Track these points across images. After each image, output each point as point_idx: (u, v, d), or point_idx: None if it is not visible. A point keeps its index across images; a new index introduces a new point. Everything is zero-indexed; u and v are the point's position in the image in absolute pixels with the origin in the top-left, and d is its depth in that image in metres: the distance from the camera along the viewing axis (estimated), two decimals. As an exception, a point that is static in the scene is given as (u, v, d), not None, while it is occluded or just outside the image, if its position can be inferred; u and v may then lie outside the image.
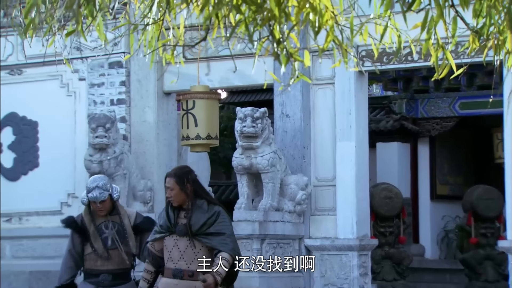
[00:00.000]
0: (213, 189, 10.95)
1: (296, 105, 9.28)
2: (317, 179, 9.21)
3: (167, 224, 5.23)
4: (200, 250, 5.16)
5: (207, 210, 5.16)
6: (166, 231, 5.24)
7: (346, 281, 8.91)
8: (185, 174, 5.25)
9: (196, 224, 5.12)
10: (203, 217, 5.12)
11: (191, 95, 9.03)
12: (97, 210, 5.99)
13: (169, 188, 5.22)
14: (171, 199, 5.20)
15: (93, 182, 6.01)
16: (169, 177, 5.28)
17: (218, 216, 5.15)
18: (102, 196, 5.93)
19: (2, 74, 10.24)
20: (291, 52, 2.80)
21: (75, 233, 6.04)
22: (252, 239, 8.68)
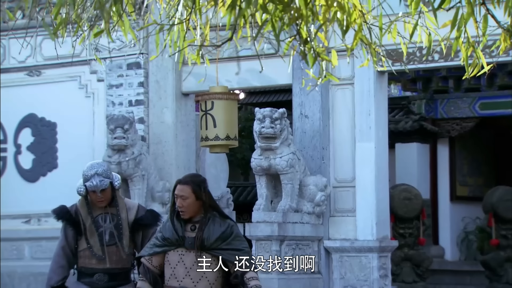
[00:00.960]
0: (231, 190, 10.90)
1: (315, 106, 9.22)
2: (337, 180, 9.15)
3: (174, 236, 4.58)
4: (210, 267, 4.56)
5: (221, 223, 4.58)
6: (171, 244, 4.61)
7: (366, 283, 8.84)
8: (202, 182, 4.65)
9: (210, 238, 4.53)
10: (217, 230, 4.54)
11: (209, 95, 8.99)
12: (97, 201, 5.25)
13: (181, 197, 4.55)
14: (182, 210, 4.55)
15: (91, 169, 5.23)
16: (183, 184, 4.61)
17: (233, 231, 4.59)
18: (103, 184, 5.18)
19: (21, 75, 10.25)
20: (319, 51, 2.75)
21: (69, 226, 5.32)
22: (271, 240, 8.64)
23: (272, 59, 8.24)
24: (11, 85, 10.23)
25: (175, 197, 4.57)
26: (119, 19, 2.93)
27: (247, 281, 4.50)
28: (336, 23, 2.63)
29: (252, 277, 4.54)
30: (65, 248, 5.33)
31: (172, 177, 9.64)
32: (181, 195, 4.55)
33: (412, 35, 2.81)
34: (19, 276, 10.06)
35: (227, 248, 4.50)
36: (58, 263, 5.35)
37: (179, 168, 9.75)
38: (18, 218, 10.19)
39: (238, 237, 4.57)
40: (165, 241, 4.59)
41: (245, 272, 4.53)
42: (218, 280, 4.49)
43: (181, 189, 4.57)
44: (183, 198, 4.53)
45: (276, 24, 2.56)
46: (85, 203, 5.30)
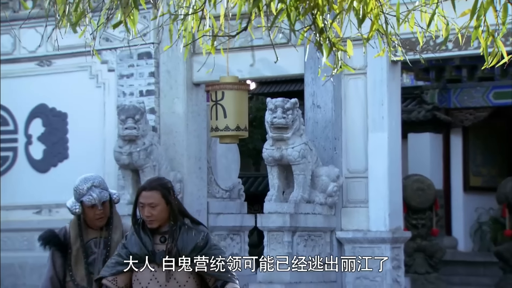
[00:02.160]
0: (242, 181, 10.85)
1: (327, 96, 9.14)
2: (349, 171, 9.08)
3: (143, 251, 3.98)
4: (187, 282, 3.98)
5: (194, 231, 4.01)
6: (139, 260, 4.00)
7: (379, 274, 8.78)
8: (170, 186, 4.07)
9: (185, 249, 3.96)
10: (191, 239, 3.98)
11: (220, 86, 8.92)
12: (96, 218, 4.47)
13: (149, 205, 3.95)
14: (151, 219, 3.96)
15: (85, 182, 4.50)
16: (150, 190, 3.99)
17: (208, 239, 4.03)
18: (104, 195, 4.46)
19: (32, 65, 10.21)
20: (334, 41, 2.68)
21: (57, 252, 4.52)
22: (283, 231, 8.58)
23: (285, 49, 8.16)
24: (22, 75, 10.21)
25: (140, 206, 3.98)
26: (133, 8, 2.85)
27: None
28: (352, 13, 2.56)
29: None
30: (53, 279, 4.54)
31: (183, 167, 9.60)
32: (149, 202, 3.96)
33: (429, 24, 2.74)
34: (30, 267, 10.06)
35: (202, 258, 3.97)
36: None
37: (190, 158, 9.70)
38: (29, 208, 10.18)
39: (214, 246, 4.03)
40: (133, 258, 4.00)
41: (225, 283, 3.99)
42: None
43: (149, 195, 3.97)
44: (151, 206, 3.94)
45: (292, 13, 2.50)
46: (77, 224, 4.51)
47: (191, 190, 9.60)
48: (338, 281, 8.93)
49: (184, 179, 9.52)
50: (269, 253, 8.61)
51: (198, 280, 3.99)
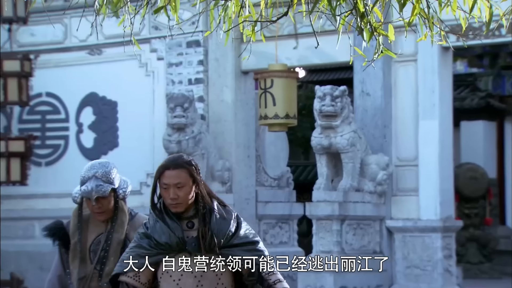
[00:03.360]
0: (291, 170, 10.81)
1: (376, 83, 9.04)
2: (399, 159, 8.98)
3: (173, 239, 3.47)
4: (224, 271, 3.51)
5: (225, 213, 3.56)
6: (169, 250, 3.49)
7: (430, 263, 8.68)
8: (195, 163, 3.57)
9: (220, 233, 3.50)
10: (224, 222, 3.52)
11: (269, 73, 8.90)
12: (94, 212, 3.91)
13: (175, 186, 3.46)
14: (177, 202, 3.48)
15: (90, 169, 3.91)
16: (175, 169, 3.49)
17: (240, 221, 3.58)
18: (100, 190, 3.85)
19: (83, 54, 10.31)
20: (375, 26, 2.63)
21: (64, 248, 3.96)
22: (331, 220, 8.53)
23: (332, 36, 8.07)
24: (73, 64, 10.31)
25: (163, 187, 3.46)
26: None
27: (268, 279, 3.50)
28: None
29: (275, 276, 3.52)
30: (62, 278, 3.95)
31: (232, 156, 9.59)
32: (175, 183, 3.47)
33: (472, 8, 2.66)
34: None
35: (240, 243, 3.51)
36: None
37: (239, 147, 9.69)
38: (80, 196, 10.28)
39: (247, 228, 3.57)
40: (159, 248, 3.48)
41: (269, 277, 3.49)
42: (233, 285, 3.53)
43: (174, 175, 3.48)
44: (178, 187, 3.46)
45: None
46: (77, 214, 3.95)
47: (239, 178, 9.59)
48: (388, 270, 8.85)
49: (233, 168, 9.52)
50: (317, 241, 8.57)
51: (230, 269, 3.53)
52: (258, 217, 9.83)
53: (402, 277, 8.79)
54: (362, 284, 8.62)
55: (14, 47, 9.97)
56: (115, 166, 3.94)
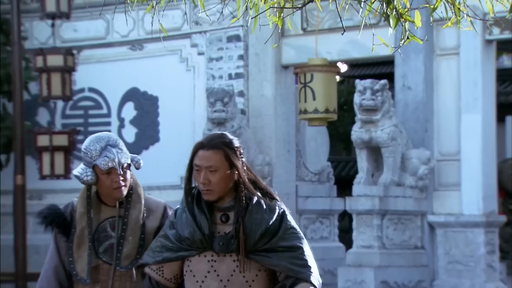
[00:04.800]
0: (333, 165, 10.77)
1: (418, 77, 8.96)
2: (441, 153, 8.89)
3: (197, 235, 2.98)
4: (257, 277, 2.97)
5: (267, 208, 2.97)
6: (193, 247, 3.01)
7: (472, 259, 8.57)
8: (237, 145, 3.02)
9: (254, 233, 2.95)
10: (263, 220, 2.96)
11: (309, 68, 8.88)
12: (114, 188, 3.33)
13: (207, 169, 2.95)
14: (208, 188, 2.97)
15: (98, 141, 3.34)
16: (209, 149, 2.97)
17: (284, 219, 3.00)
18: (124, 157, 3.33)
19: (124, 49, 10.40)
20: (401, 12, 2.60)
21: (61, 235, 3.43)
22: (372, 214, 8.48)
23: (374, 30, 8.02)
24: (115, 60, 10.41)
25: (195, 169, 2.96)
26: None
27: None
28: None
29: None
30: (58, 269, 3.44)
31: (272, 150, 9.59)
32: (207, 165, 2.95)
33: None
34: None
35: (278, 247, 2.94)
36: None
37: (279, 141, 9.68)
38: (122, 190, 10.37)
39: (291, 229, 2.98)
40: (183, 243, 3.01)
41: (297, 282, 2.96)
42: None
43: (207, 156, 2.95)
44: (210, 170, 2.94)
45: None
46: (85, 196, 3.41)
47: (279, 173, 9.59)
48: (430, 265, 8.77)
49: (273, 162, 9.51)
50: (358, 236, 8.53)
51: (270, 274, 3.00)
52: (298, 212, 9.81)
53: (444, 272, 8.70)
54: (403, 279, 8.55)
55: (58, 42, 10.10)
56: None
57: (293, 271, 2.94)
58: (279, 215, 2.98)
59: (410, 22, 2.59)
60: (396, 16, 2.57)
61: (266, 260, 2.94)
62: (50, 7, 9.03)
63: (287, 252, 2.95)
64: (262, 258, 2.95)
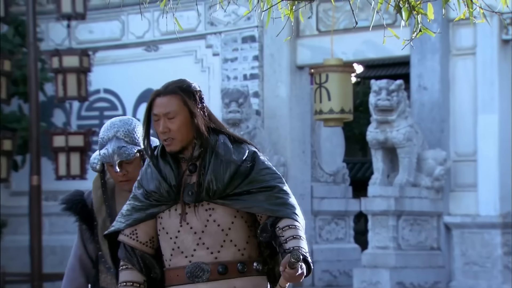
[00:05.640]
0: (348, 167, 10.73)
1: (434, 77, 8.92)
2: (457, 154, 8.83)
3: (164, 187, 2.80)
4: (233, 225, 2.77)
5: (234, 150, 2.78)
6: (162, 201, 2.82)
7: (489, 260, 8.51)
8: (196, 89, 2.84)
9: (222, 175, 2.76)
10: (230, 161, 2.76)
11: (324, 68, 8.86)
12: (118, 180, 3.24)
13: (165, 117, 2.77)
14: (169, 136, 2.77)
15: (109, 129, 3.23)
16: (166, 95, 2.80)
17: (256, 159, 2.78)
18: (124, 152, 3.18)
19: (139, 50, 10.42)
20: (414, 5, 2.58)
21: (84, 223, 3.34)
22: (387, 215, 8.44)
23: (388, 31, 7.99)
24: (130, 61, 10.43)
25: (154, 119, 2.79)
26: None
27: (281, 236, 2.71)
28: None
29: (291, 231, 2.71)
30: (83, 258, 3.35)
31: (287, 151, 9.57)
32: (165, 112, 2.77)
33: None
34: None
35: (254, 189, 2.74)
36: (73, 282, 3.39)
37: (294, 142, 9.66)
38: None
39: (266, 170, 2.77)
40: (151, 199, 2.82)
41: (277, 220, 2.72)
42: (251, 242, 2.79)
43: (164, 103, 2.78)
44: (168, 117, 2.76)
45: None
46: (99, 185, 3.29)
47: (294, 173, 9.56)
48: (446, 266, 8.72)
49: (288, 163, 9.49)
50: (373, 237, 8.49)
51: (249, 220, 2.78)
52: (313, 213, 9.78)
53: (461, 273, 8.65)
54: (419, 281, 8.51)
55: (73, 44, 10.14)
56: (139, 123, 3.18)
57: (271, 210, 2.73)
58: (250, 156, 2.78)
59: (422, 14, 2.58)
60: (409, 9, 2.56)
61: (239, 203, 2.74)
62: (65, 8, 9.07)
63: (263, 193, 2.75)
64: (235, 202, 2.74)
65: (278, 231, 2.69)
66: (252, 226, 2.79)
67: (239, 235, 2.75)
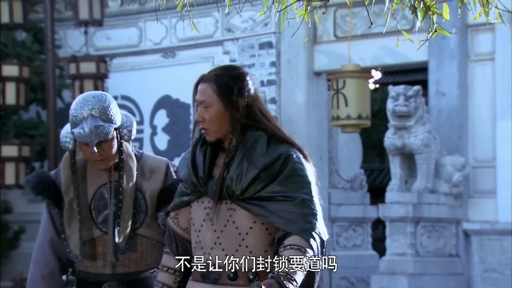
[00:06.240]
0: (366, 174, 10.68)
1: (452, 83, 8.87)
2: (475, 160, 8.77)
3: (192, 178, 2.67)
4: (251, 230, 2.59)
5: (267, 149, 2.59)
6: (193, 191, 2.69)
7: (508, 267, 8.44)
8: (236, 78, 2.64)
9: (244, 176, 2.58)
10: (258, 162, 2.58)
11: (341, 74, 8.83)
12: (92, 160, 3.04)
13: (201, 104, 2.64)
14: (203, 126, 2.65)
15: (83, 106, 3.01)
16: (204, 82, 2.66)
17: (288, 163, 2.60)
18: (101, 131, 3.00)
19: (157, 57, 10.44)
20: (429, 5, 2.56)
21: (53, 206, 3.12)
22: (405, 221, 8.38)
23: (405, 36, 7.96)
24: (147, 67, 10.45)
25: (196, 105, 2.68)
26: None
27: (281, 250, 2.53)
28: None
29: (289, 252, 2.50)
30: (54, 241, 3.12)
31: (304, 157, 9.53)
32: (201, 100, 2.63)
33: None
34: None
35: (277, 195, 2.53)
36: (45, 266, 3.13)
37: (311, 148, 9.62)
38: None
39: (295, 176, 2.57)
40: (188, 187, 2.70)
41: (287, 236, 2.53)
42: (270, 251, 2.58)
43: (201, 90, 2.64)
44: (204, 106, 2.61)
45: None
46: (69, 164, 3.08)
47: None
48: (465, 273, 8.65)
49: (306, 169, 9.45)
50: (391, 243, 8.44)
51: (271, 227, 2.58)
52: (331, 219, 9.74)
53: (480, 281, 8.57)
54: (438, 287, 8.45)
55: (91, 50, 10.17)
56: (113, 99, 3.09)
57: (282, 223, 2.51)
58: (283, 158, 2.58)
59: (438, 15, 2.56)
60: (424, 9, 2.54)
61: (257, 209, 2.54)
62: (83, 15, 9.10)
63: (284, 202, 2.54)
64: (253, 207, 2.55)
65: (280, 249, 2.52)
66: (274, 234, 2.58)
67: (257, 242, 2.57)
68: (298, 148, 2.70)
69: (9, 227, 10.83)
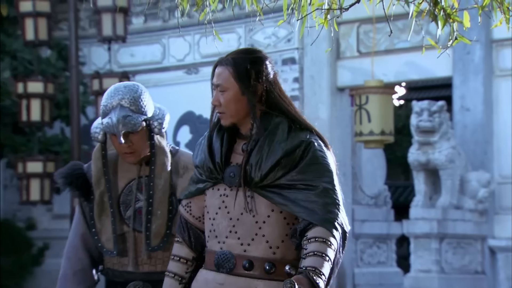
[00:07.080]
0: (390, 190, 10.59)
1: (477, 98, 8.80)
2: (501, 176, 8.67)
3: (207, 164, 2.60)
4: (268, 219, 2.50)
5: (288, 136, 2.52)
6: (207, 178, 2.61)
7: (535, 284, 8.32)
8: (254, 62, 2.58)
9: (262, 166, 2.50)
10: (278, 148, 2.50)
11: (364, 90, 8.80)
12: (122, 152, 2.95)
13: (217, 88, 2.59)
14: (219, 111, 2.58)
15: (113, 96, 2.96)
16: (221, 65, 2.61)
17: (310, 149, 2.53)
18: (130, 122, 2.92)
19: (180, 73, 10.47)
20: (449, 13, 2.53)
21: (83, 199, 3.05)
22: (430, 238, 8.30)
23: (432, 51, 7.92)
24: (171, 84, 10.48)
25: (213, 88, 2.60)
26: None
27: (304, 248, 2.44)
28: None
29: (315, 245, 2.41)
30: (86, 237, 3.03)
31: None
32: (217, 83, 2.58)
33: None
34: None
35: (297, 183, 2.45)
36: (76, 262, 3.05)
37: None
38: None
39: (316, 163, 2.50)
40: (199, 173, 2.63)
41: (309, 227, 2.45)
42: (287, 241, 2.49)
43: (218, 73, 2.59)
44: (220, 90, 2.55)
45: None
46: (100, 156, 2.98)
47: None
48: (491, 291, 8.54)
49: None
50: (415, 260, 8.35)
51: (289, 216, 2.51)
52: (355, 236, 9.66)
53: (506, 298, 8.46)
54: (463, 305, 8.34)
55: (114, 67, 10.23)
56: (146, 90, 3.04)
57: (303, 212, 2.43)
58: (304, 145, 2.51)
59: (458, 22, 2.53)
60: (444, 17, 2.51)
61: (276, 197, 2.45)
62: (106, 31, 9.16)
63: (304, 191, 2.45)
64: (272, 195, 2.46)
65: (304, 242, 2.44)
66: (292, 224, 2.49)
67: (274, 231, 2.47)
68: (318, 135, 2.64)
69: (33, 244, 10.87)
